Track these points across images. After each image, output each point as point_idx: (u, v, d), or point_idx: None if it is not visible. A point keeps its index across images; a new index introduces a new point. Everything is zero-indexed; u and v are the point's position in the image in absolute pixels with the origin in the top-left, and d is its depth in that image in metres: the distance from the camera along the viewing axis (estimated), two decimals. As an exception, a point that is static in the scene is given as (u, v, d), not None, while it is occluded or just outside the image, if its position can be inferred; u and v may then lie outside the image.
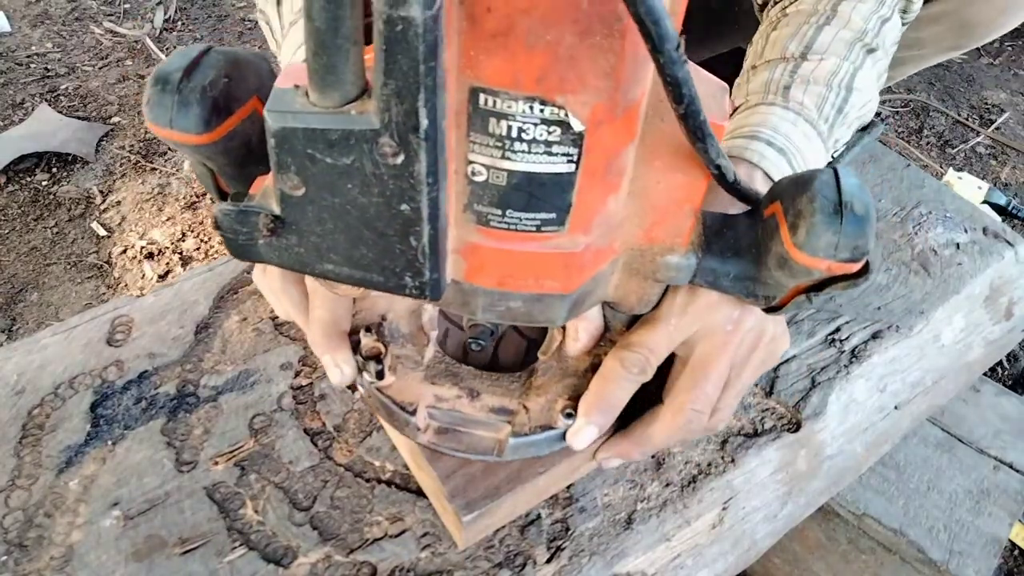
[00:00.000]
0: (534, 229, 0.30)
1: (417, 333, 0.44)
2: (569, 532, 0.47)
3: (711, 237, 0.36)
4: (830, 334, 0.59)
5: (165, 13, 1.93)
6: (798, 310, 0.37)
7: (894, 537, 0.82)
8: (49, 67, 1.80)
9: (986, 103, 1.93)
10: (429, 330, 0.44)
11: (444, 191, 0.27)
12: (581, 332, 0.42)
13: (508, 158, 0.28)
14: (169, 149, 1.60)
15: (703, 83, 0.30)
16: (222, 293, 0.58)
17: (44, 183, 1.53)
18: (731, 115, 0.54)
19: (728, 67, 0.82)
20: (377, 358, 0.41)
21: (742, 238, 0.36)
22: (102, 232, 1.43)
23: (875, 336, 0.60)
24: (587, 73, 0.26)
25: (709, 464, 0.51)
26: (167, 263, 1.37)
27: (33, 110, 1.65)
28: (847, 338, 0.59)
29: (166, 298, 0.58)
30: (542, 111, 0.26)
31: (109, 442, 0.49)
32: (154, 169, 1.56)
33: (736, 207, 0.37)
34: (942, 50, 0.79)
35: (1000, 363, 1.34)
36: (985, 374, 1.05)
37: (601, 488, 0.49)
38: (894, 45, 0.59)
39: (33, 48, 1.85)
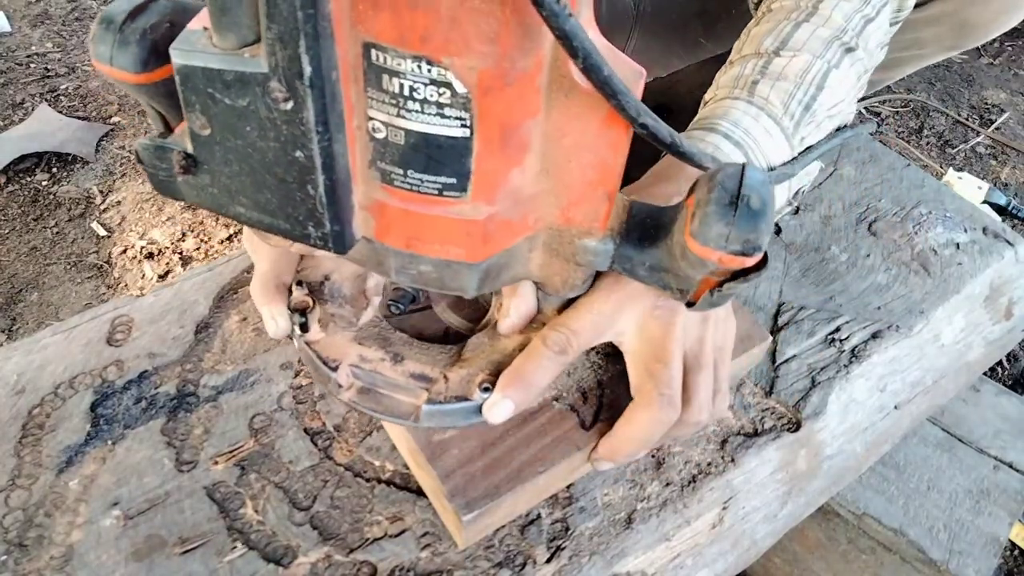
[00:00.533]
0: (436, 192, 0.30)
1: (358, 296, 0.45)
2: (569, 532, 0.47)
3: (633, 225, 0.36)
4: (830, 334, 0.59)
5: (165, 13, 1.93)
6: (712, 307, 0.37)
7: (894, 537, 0.82)
8: (49, 67, 1.80)
9: (986, 103, 1.93)
10: (371, 295, 0.45)
11: (341, 143, 0.28)
12: (512, 309, 0.42)
13: (403, 116, 0.28)
14: (169, 149, 1.60)
15: (619, 64, 0.30)
16: (222, 293, 0.58)
17: (44, 183, 1.53)
18: (701, 108, 0.54)
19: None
20: (303, 311, 0.43)
21: (662, 229, 0.36)
22: (102, 232, 1.43)
23: (875, 336, 0.60)
24: (471, 37, 0.26)
25: (709, 464, 0.51)
26: (167, 263, 1.37)
27: (33, 110, 1.65)
28: (847, 338, 0.59)
29: (166, 298, 0.58)
30: (429, 71, 0.27)
31: (109, 442, 0.49)
32: (154, 169, 1.56)
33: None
34: (942, 49, 0.79)
35: (1000, 363, 1.35)
36: (985, 374, 1.05)
37: (601, 488, 0.49)
38: (880, 47, 0.58)
39: (33, 48, 1.85)
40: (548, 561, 0.46)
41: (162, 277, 1.35)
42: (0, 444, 0.49)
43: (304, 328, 0.42)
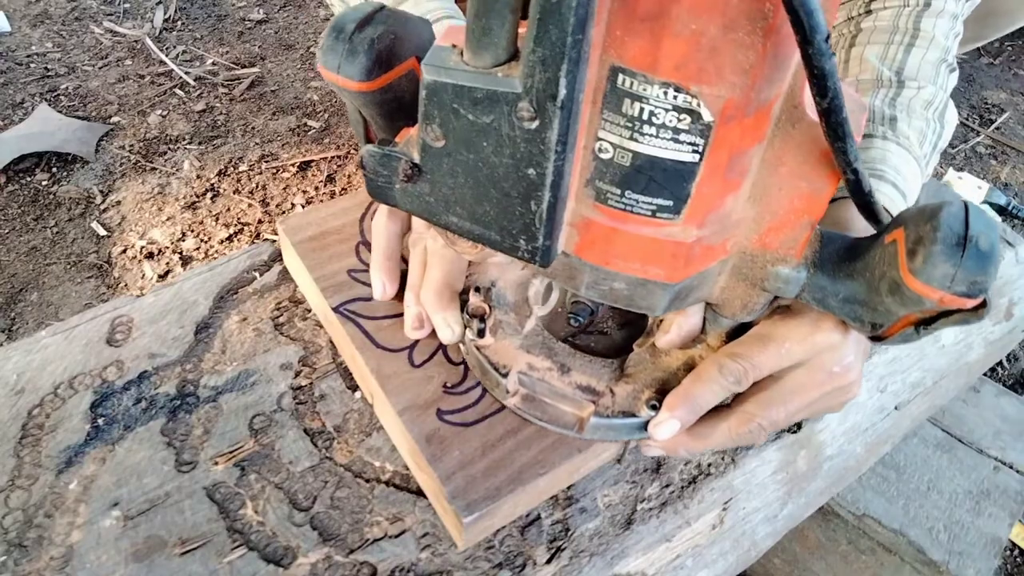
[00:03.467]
0: (649, 214, 0.31)
1: (521, 304, 0.46)
2: (569, 532, 0.47)
3: (826, 255, 0.36)
4: (830, 334, 0.59)
5: (165, 13, 1.94)
6: (905, 342, 0.37)
7: (894, 537, 0.82)
8: (49, 67, 1.80)
9: (986, 103, 1.93)
10: (533, 303, 0.46)
11: (570, 162, 0.29)
12: (674, 327, 0.42)
13: (636, 139, 0.29)
14: (169, 149, 1.60)
15: (848, 101, 0.31)
16: (222, 293, 0.58)
17: (44, 183, 1.53)
18: None
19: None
20: (481, 317, 0.44)
21: (858, 260, 0.36)
22: (102, 232, 1.43)
23: (875, 336, 0.60)
24: (725, 67, 0.26)
25: (709, 464, 0.51)
26: (167, 263, 1.37)
27: (33, 110, 1.65)
28: (847, 338, 0.59)
29: (166, 298, 0.58)
30: (675, 98, 0.27)
31: (109, 442, 0.49)
32: (154, 169, 1.56)
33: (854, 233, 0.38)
34: (966, 41, 0.79)
35: (1000, 363, 1.34)
36: (985, 374, 1.05)
37: (601, 489, 0.49)
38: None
39: (33, 48, 1.85)
40: (548, 562, 0.46)
41: (162, 277, 1.35)
42: (0, 444, 0.49)
43: (481, 334, 0.43)
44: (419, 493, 0.48)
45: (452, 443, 0.45)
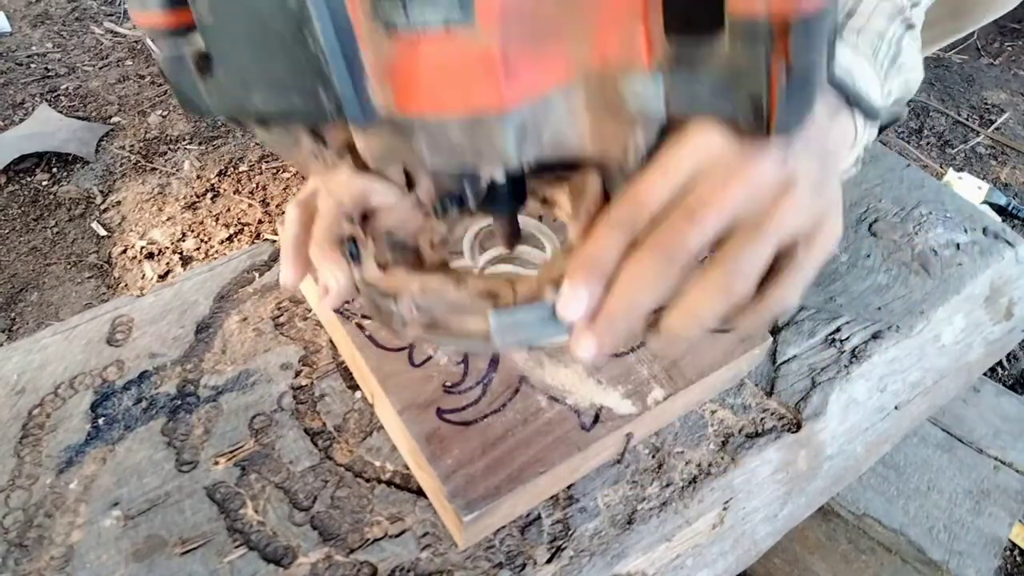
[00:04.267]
0: (443, 28, 0.29)
1: (411, 250, 0.43)
2: (569, 532, 0.47)
3: (680, 52, 0.31)
4: (830, 334, 0.59)
5: (165, 13, 1.93)
6: (789, 122, 0.31)
7: (894, 537, 0.82)
8: (49, 67, 1.80)
9: (986, 103, 1.93)
10: (439, 250, 0.43)
11: None
12: (583, 212, 0.37)
13: None
14: (169, 149, 1.60)
15: None
16: (222, 293, 0.58)
17: (44, 183, 1.53)
18: None
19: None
20: (353, 240, 0.40)
21: (715, 46, 0.31)
22: (102, 232, 1.44)
23: (875, 336, 0.60)
24: None
25: (709, 464, 0.51)
26: (167, 263, 1.37)
27: (33, 110, 1.65)
28: (847, 338, 0.59)
29: (166, 298, 0.58)
30: None
31: (109, 442, 0.49)
32: (154, 169, 1.56)
33: None
34: (944, 33, 0.78)
35: (1000, 363, 1.35)
36: (985, 374, 1.05)
37: (601, 488, 0.49)
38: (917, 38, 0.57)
39: (33, 48, 1.85)
40: (548, 561, 0.46)
41: (162, 277, 1.35)
42: (0, 444, 0.49)
43: (355, 257, 0.39)
44: (419, 493, 0.48)
45: (452, 442, 0.45)
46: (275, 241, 0.62)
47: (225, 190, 1.52)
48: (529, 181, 0.43)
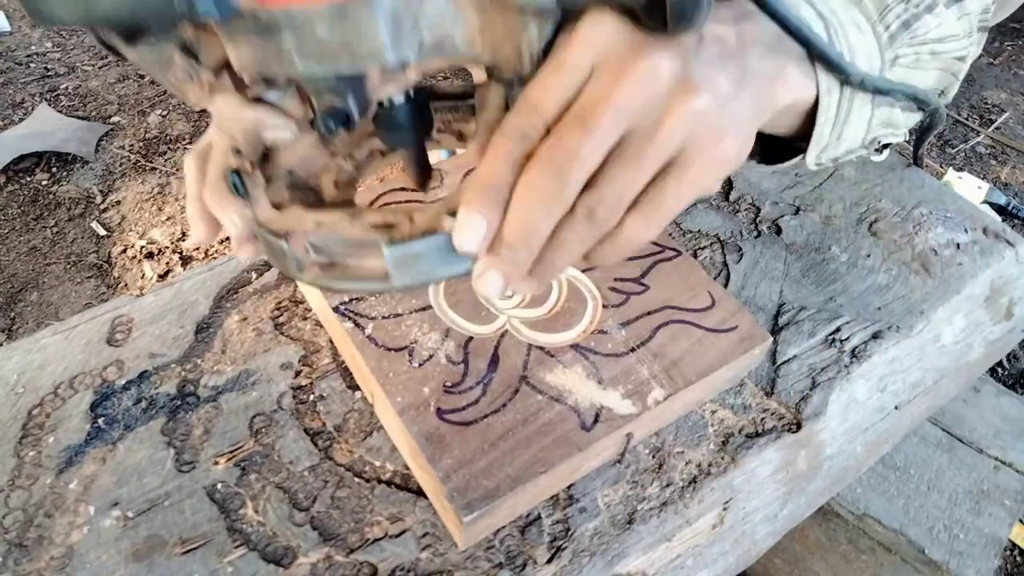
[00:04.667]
0: None
1: (320, 187, 0.40)
2: (569, 532, 0.47)
3: None
4: (830, 334, 0.59)
5: (165, 13, 1.93)
6: (682, 23, 0.28)
7: (894, 537, 0.82)
8: (49, 67, 1.80)
9: (986, 103, 1.93)
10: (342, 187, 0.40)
11: None
12: (480, 126, 0.34)
13: None
14: (169, 149, 1.60)
15: None
16: (222, 293, 0.58)
17: (44, 183, 1.53)
18: None
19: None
20: (238, 172, 0.37)
21: None
22: (102, 232, 1.44)
23: (875, 336, 0.60)
24: None
25: (709, 464, 0.51)
26: (167, 263, 1.37)
27: (33, 110, 1.65)
28: (847, 338, 0.59)
29: (166, 298, 0.58)
30: None
31: (109, 442, 0.49)
32: (154, 169, 1.56)
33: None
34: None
35: (1000, 363, 1.35)
36: (985, 374, 1.05)
37: (601, 488, 0.49)
38: (976, 20, 0.47)
39: (33, 48, 1.85)
40: (548, 561, 0.46)
41: (162, 277, 1.35)
42: (0, 444, 0.49)
43: (239, 190, 0.36)
44: (419, 493, 0.48)
45: (452, 442, 0.45)
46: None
47: (225, 190, 1.52)
48: (438, 113, 0.39)
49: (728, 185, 0.71)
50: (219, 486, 0.47)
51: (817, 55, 0.37)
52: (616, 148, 0.31)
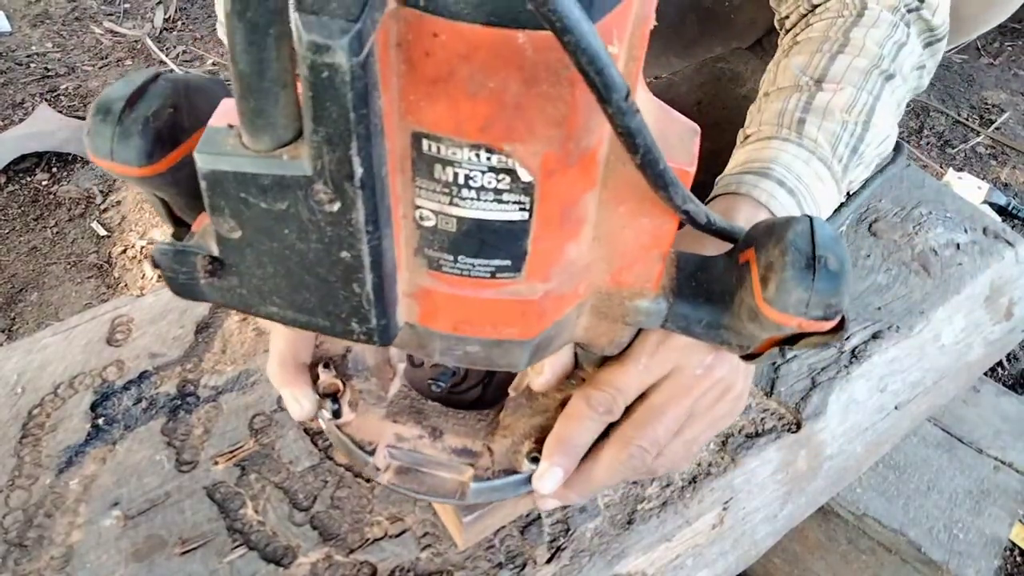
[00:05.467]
0: (488, 276, 0.29)
1: (383, 366, 0.43)
2: (569, 532, 0.47)
3: (684, 281, 0.35)
4: (830, 334, 0.59)
5: (165, 13, 1.93)
6: (773, 360, 0.35)
7: (894, 537, 0.82)
8: (49, 67, 1.80)
9: (986, 103, 1.93)
10: (396, 362, 0.43)
11: (388, 238, 0.26)
12: (547, 368, 0.40)
13: (456, 204, 0.26)
14: (169, 149, 1.60)
15: (672, 123, 0.29)
16: (222, 293, 0.58)
17: (44, 183, 1.53)
18: (743, 143, 0.53)
19: (734, 63, 0.82)
20: (334, 396, 0.40)
21: (716, 283, 0.34)
22: (102, 232, 1.43)
23: (875, 336, 0.60)
24: (535, 122, 0.24)
25: (709, 464, 0.51)
26: (167, 263, 1.37)
27: (33, 110, 1.65)
28: (847, 338, 0.59)
29: (166, 298, 0.58)
30: (488, 159, 0.25)
31: (109, 442, 0.49)
32: (154, 169, 1.56)
33: (716, 245, 0.36)
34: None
35: (1000, 363, 1.34)
36: (985, 374, 1.05)
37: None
38: (916, 70, 0.57)
39: (33, 48, 1.85)
40: (548, 561, 0.46)
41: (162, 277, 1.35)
42: (0, 444, 0.49)
43: (337, 414, 0.40)
44: (419, 493, 0.48)
45: (452, 443, 0.45)
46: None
47: (225, 190, 1.52)
48: None
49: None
50: (219, 486, 0.47)
51: None
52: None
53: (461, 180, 0.26)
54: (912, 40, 0.55)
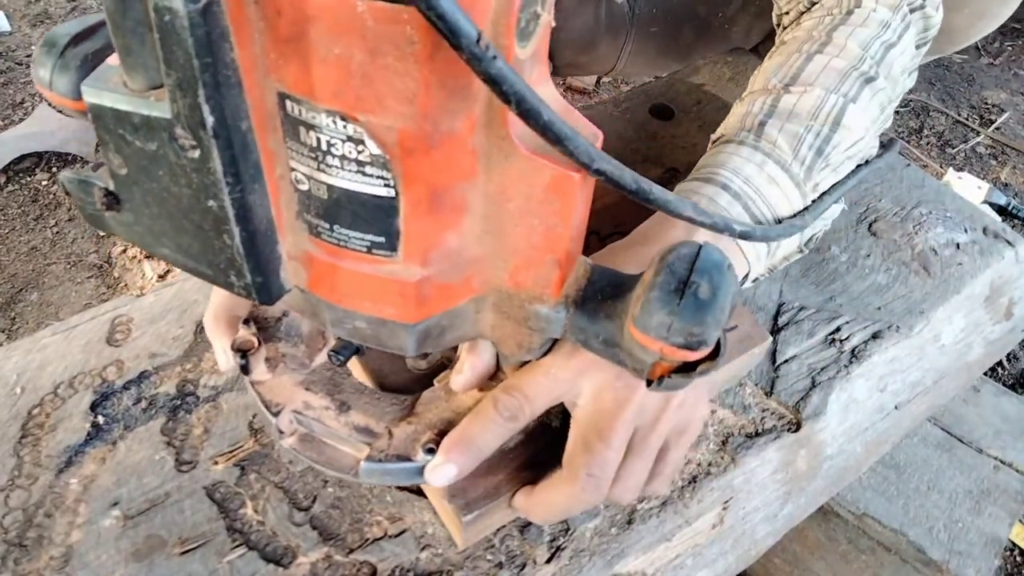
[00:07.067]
0: (365, 250, 0.29)
1: (315, 335, 0.43)
2: (569, 532, 0.47)
3: (590, 293, 0.34)
4: (830, 334, 0.59)
5: (165, 13, 1.93)
6: (669, 390, 0.33)
7: (894, 537, 0.82)
8: (49, 67, 1.80)
9: (986, 103, 1.93)
10: (330, 335, 0.43)
11: (258, 193, 0.27)
12: (467, 367, 0.40)
13: (323, 171, 0.27)
14: (169, 149, 1.61)
15: (575, 123, 0.28)
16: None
17: (44, 183, 1.53)
18: (708, 149, 0.52)
19: (730, 68, 0.82)
20: (244, 352, 0.41)
21: (621, 300, 0.33)
22: (102, 232, 1.44)
23: (875, 336, 0.60)
24: (385, 95, 0.24)
25: (709, 464, 0.51)
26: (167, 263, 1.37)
27: (33, 110, 1.65)
28: (847, 338, 0.59)
29: (166, 298, 0.58)
30: (345, 127, 0.25)
31: (109, 442, 0.49)
32: (154, 169, 1.56)
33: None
34: (928, 53, 0.79)
35: (1000, 363, 1.35)
36: (985, 374, 1.05)
37: (601, 488, 0.49)
38: (906, 73, 0.55)
39: (33, 48, 1.85)
40: (548, 561, 0.46)
41: (162, 277, 1.35)
42: (0, 444, 0.49)
43: (245, 370, 0.41)
44: (419, 493, 0.48)
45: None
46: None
47: (225, 190, 1.52)
48: None
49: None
50: (219, 486, 0.47)
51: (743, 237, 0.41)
52: (628, 446, 0.40)
53: (324, 146, 0.26)
54: (906, 40, 0.54)
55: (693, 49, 0.93)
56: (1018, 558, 1.08)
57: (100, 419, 0.50)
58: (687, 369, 0.32)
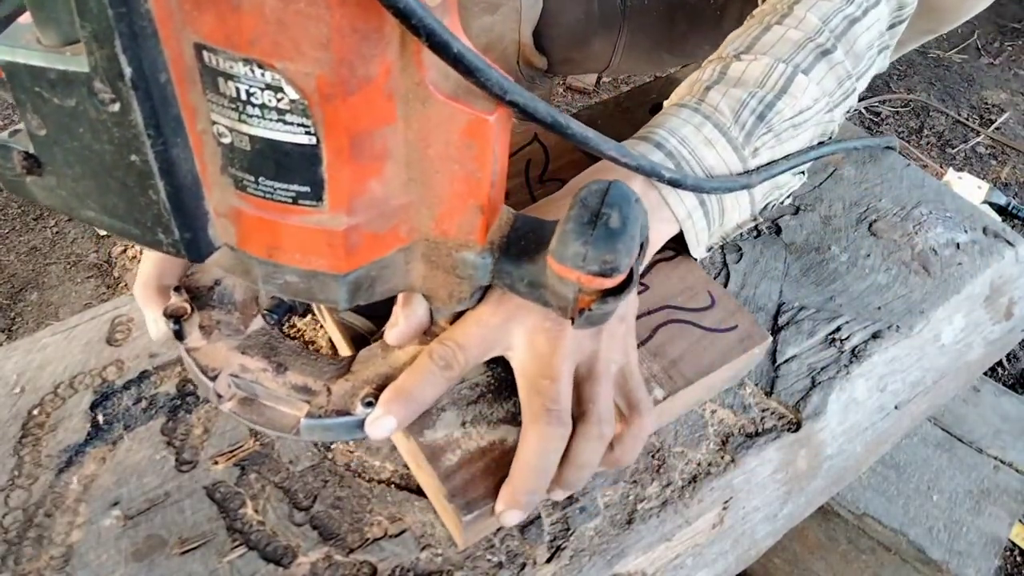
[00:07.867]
0: (290, 201, 0.29)
1: (248, 303, 0.44)
2: (569, 532, 0.47)
3: (514, 239, 0.35)
4: (830, 334, 0.59)
5: (165, 13, 1.93)
6: (587, 326, 0.35)
7: (894, 537, 0.82)
8: (49, 67, 1.80)
9: (986, 103, 1.93)
10: (263, 302, 0.44)
11: (181, 147, 0.27)
12: (401, 319, 0.40)
13: (245, 122, 0.27)
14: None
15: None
16: (222, 293, 0.58)
17: (44, 183, 1.53)
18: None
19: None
20: (177, 318, 0.41)
21: (541, 243, 0.34)
22: (102, 232, 1.43)
23: (875, 336, 0.60)
24: (301, 41, 0.25)
25: (709, 464, 0.51)
26: (167, 263, 1.37)
27: (33, 110, 1.65)
28: (847, 338, 0.59)
29: (166, 298, 0.58)
30: (263, 75, 0.26)
31: (109, 442, 0.49)
32: (154, 169, 1.56)
33: None
34: (919, 33, 0.79)
35: (1000, 363, 1.35)
36: (985, 374, 1.05)
37: (601, 488, 0.49)
38: (873, 48, 0.55)
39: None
40: (548, 561, 0.46)
41: (162, 277, 1.35)
42: (0, 444, 0.49)
43: (179, 336, 0.41)
44: (419, 492, 0.48)
45: (452, 442, 0.45)
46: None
47: (225, 190, 1.52)
48: None
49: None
50: (219, 486, 0.47)
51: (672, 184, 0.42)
52: (579, 379, 0.41)
53: (244, 96, 0.26)
54: (873, 16, 0.54)
55: (687, 39, 0.93)
56: (1018, 558, 1.08)
57: (100, 419, 0.50)
58: (605, 298, 0.33)
